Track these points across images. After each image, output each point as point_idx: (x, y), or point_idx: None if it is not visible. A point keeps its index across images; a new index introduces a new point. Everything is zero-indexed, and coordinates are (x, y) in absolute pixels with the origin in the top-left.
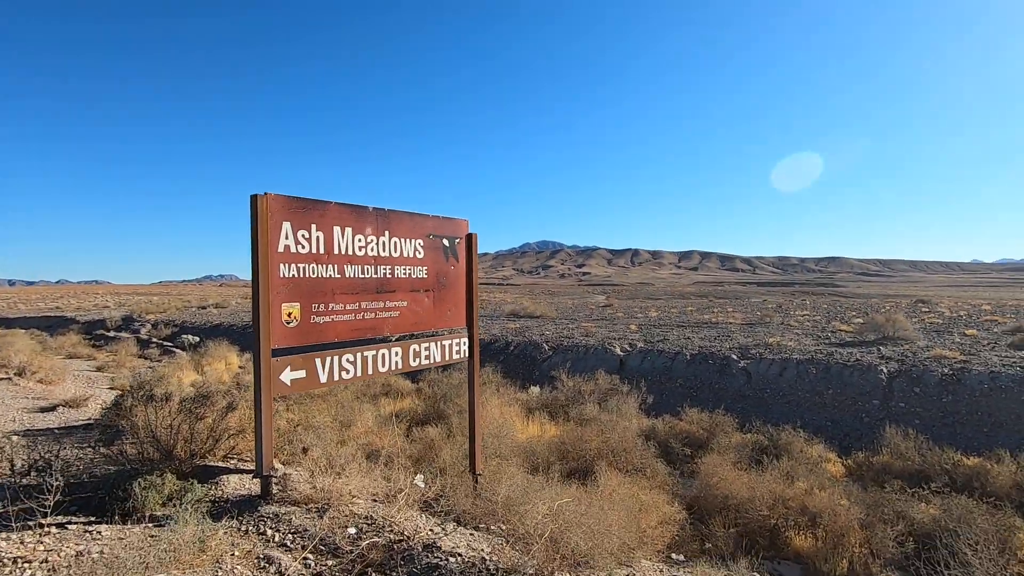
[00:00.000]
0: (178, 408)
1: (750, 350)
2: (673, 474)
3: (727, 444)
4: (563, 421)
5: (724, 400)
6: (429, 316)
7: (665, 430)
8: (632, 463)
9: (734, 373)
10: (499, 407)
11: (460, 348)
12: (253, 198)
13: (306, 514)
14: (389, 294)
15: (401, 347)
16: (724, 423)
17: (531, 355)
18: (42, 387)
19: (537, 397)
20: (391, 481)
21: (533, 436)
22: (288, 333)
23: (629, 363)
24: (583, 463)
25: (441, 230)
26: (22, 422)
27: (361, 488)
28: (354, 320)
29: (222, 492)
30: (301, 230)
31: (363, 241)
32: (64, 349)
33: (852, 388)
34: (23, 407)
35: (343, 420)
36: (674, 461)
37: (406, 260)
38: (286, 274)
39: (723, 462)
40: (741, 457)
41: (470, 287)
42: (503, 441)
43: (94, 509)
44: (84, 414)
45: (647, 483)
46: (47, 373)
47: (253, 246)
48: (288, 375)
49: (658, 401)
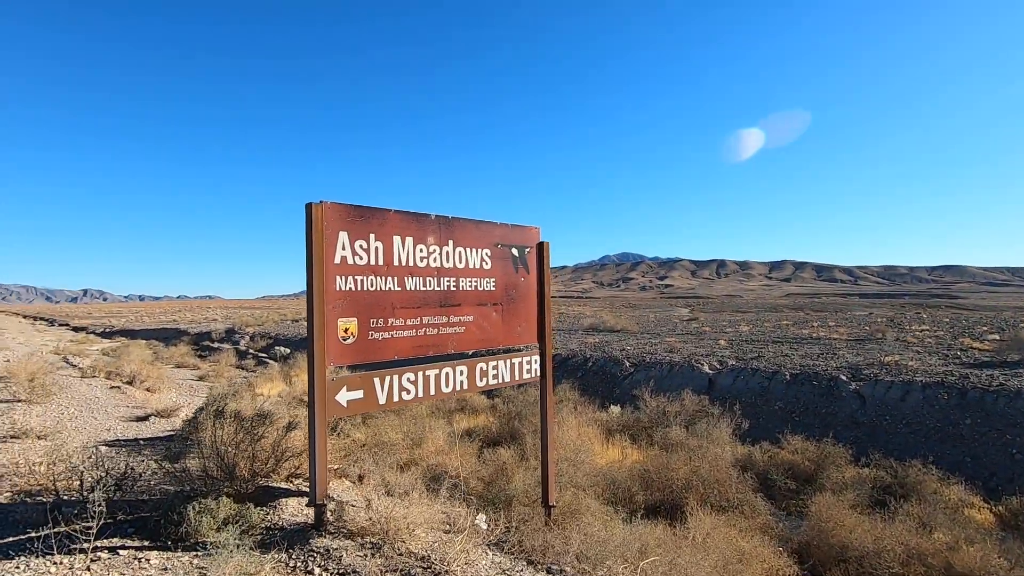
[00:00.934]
0: (237, 427)
1: (862, 370)
2: (776, 513)
3: (840, 480)
4: (646, 445)
5: (832, 427)
6: (497, 332)
7: (763, 460)
8: (726, 497)
9: (844, 396)
10: (576, 427)
11: (531, 367)
12: (308, 207)
13: (359, 551)
14: (453, 308)
15: (467, 365)
16: (835, 454)
17: (611, 372)
18: (146, 395)
19: (617, 417)
20: (452, 519)
21: (613, 461)
22: (345, 350)
23: (719, 382)
24: (669, 495)
25: (509, 239)
26: (115, 431)
27: (421, 519)
28: (416, 336)
29: (278, 518)
30: (359, 240)
31: (425, 251)
32: (174, 359)
33: (998, 418)
34: (121, 416)
35: (414, 438)
36: (775, 496)
37: (472, 271)
38: (343, 287)
39: (839, 502)
40: (860, 497)
41: (542, 300)
42: (580, 468)
43: (150, 532)
44: (172, 424)
45: (745, 523)
46: (154, 382)
47: (308, 258)
48: (345, 395)
49: (754, 426)
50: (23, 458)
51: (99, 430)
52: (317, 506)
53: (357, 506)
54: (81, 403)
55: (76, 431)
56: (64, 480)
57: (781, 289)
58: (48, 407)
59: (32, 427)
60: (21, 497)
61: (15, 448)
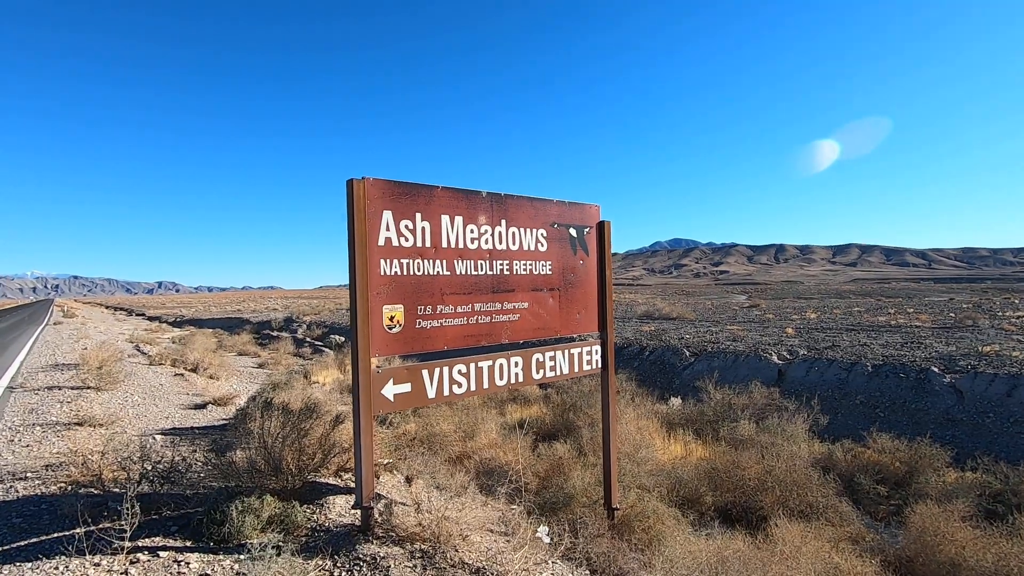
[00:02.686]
0: (284, 420)
1: (957, 361)
2: (867, 522)
3: (939, 485)
4: (711, 441)
5: (925, 425)
6: (554, 320)
7: (846, 460)
8: (807, 502)
9: (937, 390)
10: (635, 420)
11: (592, 358)
12: (349, 183)
13: (408, 560)
14: (507, 294)
15: (522, 357)
16: (931, 455)
17: (669, 361)
18: (207, 383)
19: (679, 410)
20: (509, 522)
21: (676, 457)
22: (390, 340)
23: (790, 374)
24: (741, 496)
25: (567, 218)
26: (173, 419)
27: (476, 522)
28: (466, 325)
29: (325, 518)
30: (404, 220)
31: (476, 232)
32: (236, 347)
33: None
34: (181, 403)
35: (467, 429)
36: (861, 501)
37: (526, 254)
38: (387, 271)
39: (945, 512)
40: (967, 505)
41: (603, 285)
42: (642, 466)
43: (192, 531)
44: (228, 412)
45: (832, 531)
46: (216, 369)
47: (350, 240)
48: (391, 389)
49: (832, 422)
50: (83, 445)
51: (158, 418)
52: (364, 509)
53: (407, 506)
54: (145, 390)
55: (136, 418)
56: (114, 471)
57: (846, 274)
58: (114, 394)
59: (95, 415)
60: (73, 488)
61: (78, 436)
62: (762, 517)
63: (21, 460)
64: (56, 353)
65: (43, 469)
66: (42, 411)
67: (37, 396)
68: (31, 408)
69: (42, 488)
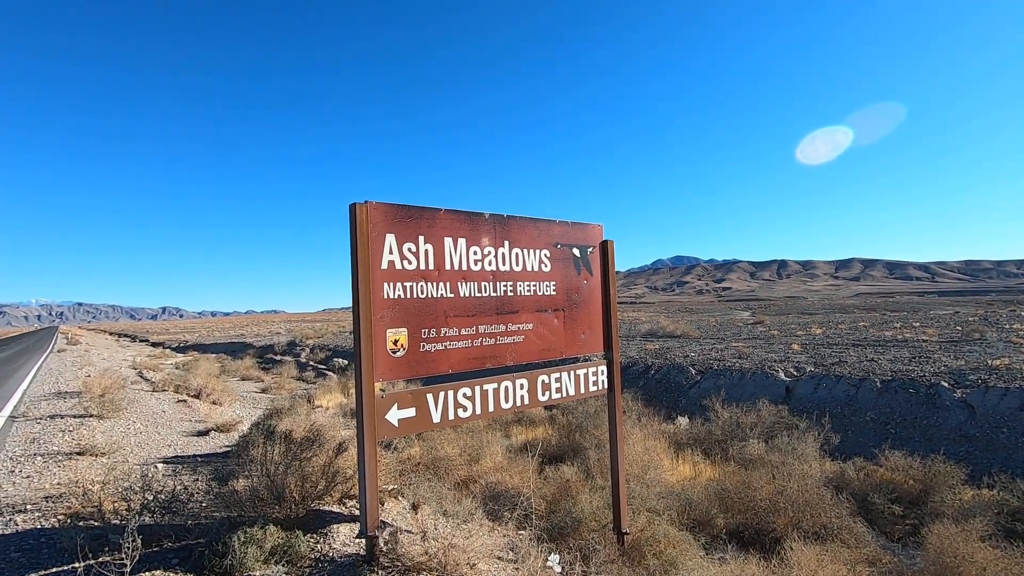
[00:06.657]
0: (286, 448)
1: (967, 375)
2: (884, 543)
3: (955, 503)
4: (720, 461)
5: (938, 441)
6: (559, 340)
7: (858, 478)
8: (821, 523)
9: (948, 406)
10: (642, 440)
11: (598, 378)
12: (352, 208)
13: None
14: (511, 315)
15: (527, 378)
16: (946, 473)
17: (675, 380)
18: (209, 409)
19: (686, 430)
20: (517, 549)
21: (685, 478)
22: (394, 364)
23: (798, 391)
24: (752, 518)
25: (570, 238)
26: (175, 447)
27: (483, 550)
28: (471, 347)
29: (329, 547)
30: (407, 243)
31: (479, 254)
32: (239, 372)
33: None
34: (183, 430)
35: (472, 453)
36: (875, 521)
37: (530, 275)
38: (391, 295)
39: (964, 532)
40: (985, 524)
41: (607, 305)
42: (651, 488)
43: (194, 563)
44: (231, 439)
45: (847, 553)
46: (219, 395)
47: (353, 263)
48: (396, 414)
49: (842, 440)
50: (84, 475)
51: (160, 446)
52: (368, 538)
53: (413, 534)
54: (147, 418)
55: (138, 447)
56: (115, 502)
57: (849, 289)
58: (116, 422)
59: (97, 443)
60: (73, 521)
61: (79, 465)
62: (775, 539)
63: (21, 491)
64: (59, 381)
65: (43, 501)
66: (43, 440)
67: (39, 425)
68: (32, 438)
69: (42, 521)
